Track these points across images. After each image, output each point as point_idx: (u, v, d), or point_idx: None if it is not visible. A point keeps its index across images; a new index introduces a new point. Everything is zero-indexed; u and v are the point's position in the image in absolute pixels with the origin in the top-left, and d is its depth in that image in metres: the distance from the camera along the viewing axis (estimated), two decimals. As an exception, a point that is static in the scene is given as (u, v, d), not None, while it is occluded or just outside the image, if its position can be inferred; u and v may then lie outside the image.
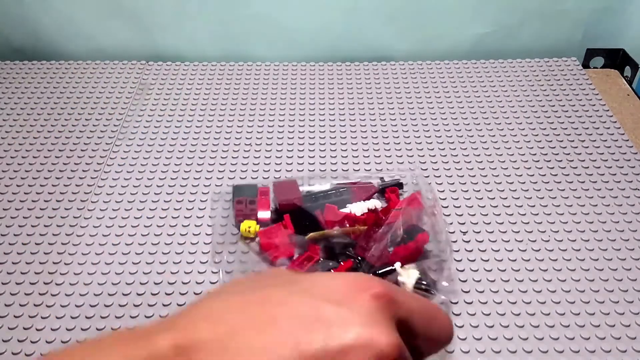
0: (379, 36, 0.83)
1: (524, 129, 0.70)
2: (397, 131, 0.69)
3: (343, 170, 0.64)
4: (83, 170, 0.64)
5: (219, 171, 0.64)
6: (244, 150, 0.67)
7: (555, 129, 0.69)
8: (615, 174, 0.63)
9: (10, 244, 0.56)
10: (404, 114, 0.72)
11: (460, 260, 0.54)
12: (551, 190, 0.61)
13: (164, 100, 0.75)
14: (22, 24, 0.83)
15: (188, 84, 0.78)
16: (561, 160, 0.65)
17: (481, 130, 0.70)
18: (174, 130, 0.70)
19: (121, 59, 0.82)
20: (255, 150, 0.67)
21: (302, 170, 0.64)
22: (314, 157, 0.66)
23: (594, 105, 0.73)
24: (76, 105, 0.74)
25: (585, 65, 0.82)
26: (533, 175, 0.63)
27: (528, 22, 0.83)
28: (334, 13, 0.81)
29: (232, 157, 0.66)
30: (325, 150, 0.67)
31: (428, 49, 0.84)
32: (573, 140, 0.68)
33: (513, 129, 0.70)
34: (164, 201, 0.61)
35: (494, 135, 0.69)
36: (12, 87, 0.77)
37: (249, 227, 0.55)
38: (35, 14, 0.82)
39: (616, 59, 0.82)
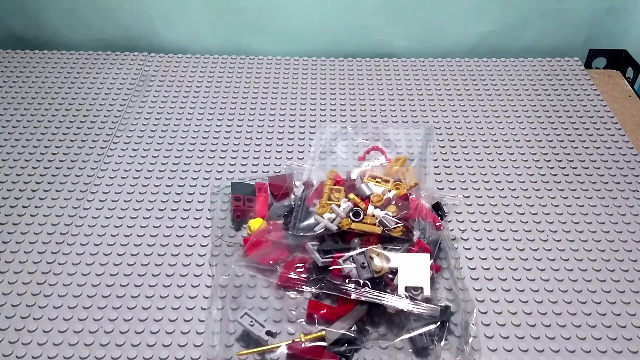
0: (381, 32, 0.83)
1: (524, 128, 0.69)
2: (397, 127, 0.69)
3: (343, 165, 0.64)
4: (83, 161, 0.64)
5: (219, 164, 0.64)
6: (244, 144, 0.67)
7: (556, 128, 0.69)
8: (615, 175, 0.63)
9: (9, 232, 0.56)
10: (404, 110, 0.72)
11: (459, 258, 0.54)
12: (551, 190, 0.61)
13: (165, 93, 0.75)
14: (25, 14, 0.83)
15: (190, 76, 0.78)
16: (561, 160, 0.65)
17: (482, 128, 0.69)
18: (175, 122, 0.70)
19: (123, 50, 0.82)
20: (256, 144, 0.67)
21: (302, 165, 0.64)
22: (314, 151, 0.66)
23: (596, 105, 0.73)
24: (77, 96, 0.74)
25: (588, 65, 0.82)
26: (533, 174, 0.63)
27: (531, 22, 0.82)
28: (337, 8, 0.81)
29: (232, 151, 0.66)
30: (325, 145, 0.67)
31: (430, 46, 0.84)
32: (574, 141, 0.68)
33: (514, 128, 0.69)
34: (163, 193, 0.61)
35: (495, 134, 0.69)
36: (13, 76, 0.77)
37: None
38: (38, 3, 0.82)
39: (619, 60, 0.81)
